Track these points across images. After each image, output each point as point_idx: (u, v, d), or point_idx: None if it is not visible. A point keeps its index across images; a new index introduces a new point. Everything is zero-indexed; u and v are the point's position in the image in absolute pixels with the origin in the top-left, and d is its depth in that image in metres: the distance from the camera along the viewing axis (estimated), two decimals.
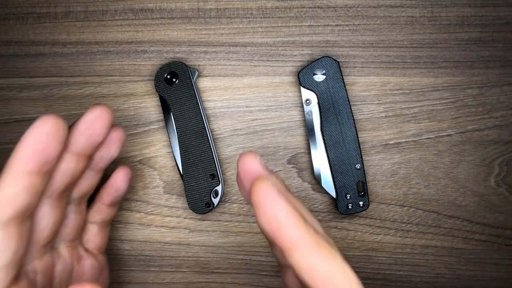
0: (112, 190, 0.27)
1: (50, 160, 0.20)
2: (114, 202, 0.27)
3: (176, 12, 0.32)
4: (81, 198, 0.25)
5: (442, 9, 0.31)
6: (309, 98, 0.31)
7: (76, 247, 0.26)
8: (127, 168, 0.27)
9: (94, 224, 0.27)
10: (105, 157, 0.25)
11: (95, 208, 0.27)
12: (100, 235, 0.28)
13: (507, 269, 0.32)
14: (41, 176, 0.20)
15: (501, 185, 0.32)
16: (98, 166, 0.25)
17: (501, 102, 0.32)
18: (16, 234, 0.19)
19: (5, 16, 0.32)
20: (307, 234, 0.16)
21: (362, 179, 0.31)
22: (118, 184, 0.27)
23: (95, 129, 0.22)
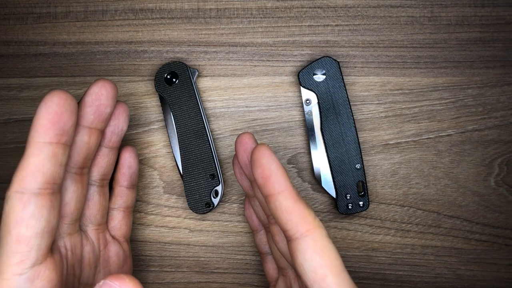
0: (124, 169, 0.28)
1: (67, 130, 0.21)
2: (131, 182, 0.29)
3: (176, 12, 0.32)
4: (103, 180, 0.27)
5: (442, 9, 0.31)
6: (309, 98, 0.31)
7: (102, 232, 0.27)
8: (129, 146, 0.29)
9: (118, 210, 0.28)
10: (115, 132, 0.26)
11: (116, 193, 0.28)
12: (125, 222, 0.29)
13: (507, 269, 0.32)
14: (61, 147, 0.21)
15: (501, 185, 0.32)
16: (111, 142, 0.26)
17: (501, 102, 0.32)
18: (48, 204, 0.20)
19: (5, 16, 0.32)
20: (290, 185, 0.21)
21: (362, 179, 0.31)
22: (128, 160, 0.28)
23: (101, 100, 0.24)
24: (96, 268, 0.27)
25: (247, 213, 0.29)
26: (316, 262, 0.20)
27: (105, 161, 0.26)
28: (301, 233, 0.20)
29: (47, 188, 0.20)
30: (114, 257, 0.28)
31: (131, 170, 0.29)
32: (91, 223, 0.26)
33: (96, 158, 0.26)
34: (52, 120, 0.20)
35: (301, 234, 0.20)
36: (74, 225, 0.25)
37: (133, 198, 0.29)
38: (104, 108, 0.24)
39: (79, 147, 0.24)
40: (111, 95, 0.24)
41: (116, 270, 0.28)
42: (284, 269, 0.27)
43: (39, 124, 0.20)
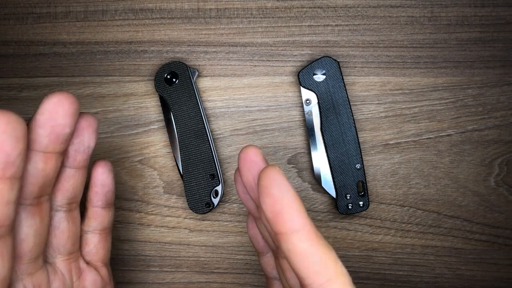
0: (97, 187, 0.25)
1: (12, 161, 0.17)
2: (106, 202, 0.25)
3: (176, 12, 0.32)
4: (71, 204, 0.23)
5: (442, 9, 0.31)
6: (309, 98, 0.31)
7: (75, 261, 0.24)
8: (102, 160, 0.25)
9: (93, 233, 0.25)
10: (80, 150, 0.22)
11: (90, 214, 0.25)
12: (101, 245, 0.26)
13: (507, 269, 0.32)
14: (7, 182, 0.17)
15: (501, 185, 0.32)
16: (77, 162, 0.22)
17: (501, 102, 0.32)
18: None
19: (5, 16, 0.32)
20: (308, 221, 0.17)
21: (362, 179, 0.31)
22: (100, 178, 0.25)
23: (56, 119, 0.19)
24: None
25: (251, 233, 0.25)
26: None
27: (70, 184, 0.22)
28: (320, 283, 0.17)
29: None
30: (90, 286, 0.25)
31: (105, 189, 0.25)
32: (59, 254, 0.23)
33: (60, 181, 0.22)
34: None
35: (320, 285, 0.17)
36: (35, 263, 0.21)
37: (110, 218, 0.26)
38: (61, 129, 0.19)
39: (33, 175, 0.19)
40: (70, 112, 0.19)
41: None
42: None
43: None
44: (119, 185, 0.32)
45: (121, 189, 0.32)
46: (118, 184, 0.32)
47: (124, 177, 0.32)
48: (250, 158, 0.19)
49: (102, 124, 0.32)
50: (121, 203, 0.32)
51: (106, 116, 0.32)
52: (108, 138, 0.32)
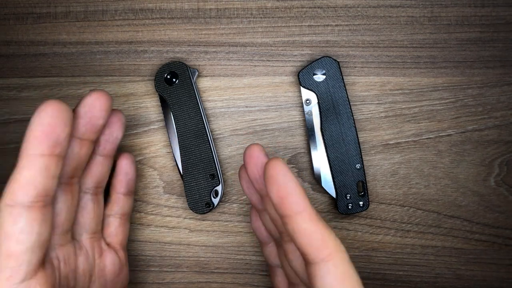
0: (121, 175, 0.28)
1: (60, 141, 0.20)
2: (128, 189, 0.28)
3: (176, 12, 0.32)
4: (97, 188, 0.26)
5: (442, 9, 0.31)
6: (309, 98, 0.31)
7: (97, 240, 0.27)
8: (127, 153, 0.28)
9: (115, 217, 0.28)
10: (110, 140, 0.26)
11: (112, 200, 0.28)
12: (121, 229, 0.28)
13: (507, 269, 0.32)
14: (54, 159, 0.20)
15: (501, 185, 0.32)
16: (106, 151, 0.26)
17: (501, 102, 0.32)
18: (39, 217, 0.20)
19: (5, 16, 0.32)
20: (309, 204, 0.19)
21: (362, 179, 0.31)
22: (124, 167, 0.28)
23: (94, 112, 0.23)
24: (91, 278, 0.26)
25: (255, 225, 0.28)
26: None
27: (99, 170, 0.26)
28: (321, 258, 0.19)
29: (38, 201, 0.20)
30: (109, 266, 0.27)
31: (128, 177, 0.28)
32: (85, 231, 0.26)
33: (89, 167, 0.26)
34: (45, 132, 0.20)
35: (322, 259, 0.19)
36: (65, 236, 0.24)
37: (130, 205, 0.29)
38: (96, 120, 0.23)
39: (69, 157, 0.23)
40: (105, 107, 0.23)
41: (112, 279, 0.27)
42: (295, 285, 0.26)
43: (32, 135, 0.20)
44: None
45: None
46: None
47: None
48: (255, 154, 0.23)
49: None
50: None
51: None
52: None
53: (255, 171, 0.23)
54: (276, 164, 0.20)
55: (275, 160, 0.20)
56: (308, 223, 0.19)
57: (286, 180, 0.19)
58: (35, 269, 0.20)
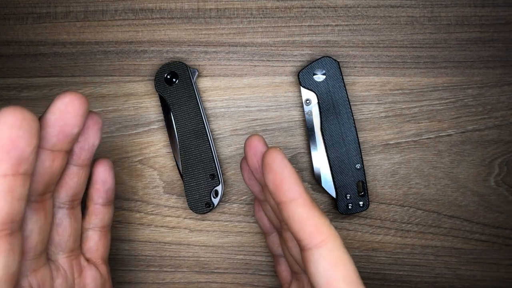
0: (98, 185, 0.25)
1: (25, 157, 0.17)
2: (107, 199, 0.26)
3: (176, 12, 0.32)
4: (73, 201, 0.23)
5: (442, 9, 0.31)
6: (309, 98, 0.31)
7: (76, 258, 0.25)
8: (103, 158, 0.26)
9: (94, 230, 0.26)
10: (85, 148, 0.22)
11: (90, 211, 0.26)
12: (102, 242, 0.26)
13: (507, 269, 0.32)
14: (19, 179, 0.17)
15: (501, 185, 0.32)
16: (81, 160, 0.22)
17: (501, 102, 0.32)
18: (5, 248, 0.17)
19: (5, 16, 0.32)
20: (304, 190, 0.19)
21: (362, 179, 0.31)
22: (101, 175, 0.25)
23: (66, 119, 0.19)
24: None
25: (258, 216, 0.28)
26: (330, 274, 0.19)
27: (74, 181, 0.23)
28: (315, 243, 0.19)
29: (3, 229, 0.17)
30: (91, 283, 0.25)
31: (106, 186, 0.25)
32: (62, 250, 0.23)
33: (63, 179, 0.22)
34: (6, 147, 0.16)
35: (315, 245, 0.19)
36: (39, 259, 0.22)
37: (110, 216, 0.27)
38: (70, 129, 0.20)
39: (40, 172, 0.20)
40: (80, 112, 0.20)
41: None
42: (297, 274, 0.26)
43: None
44: (119, 185, 0.32)
45: (121, 189, 0.32)
46: (118, 184, 0.32)
47: (124, 177, 0.32)
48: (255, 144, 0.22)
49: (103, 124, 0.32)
50: (121, 203, 0.32)
51: (106, 116, 0.32)
52: (108, 138, 0.32)
53: (255, 161, 0.23)
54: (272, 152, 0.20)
55: (272, 149, 0.20)
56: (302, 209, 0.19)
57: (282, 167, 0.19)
58: None
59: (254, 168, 0.23)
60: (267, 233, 0.28)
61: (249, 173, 0.25)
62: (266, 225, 0.28)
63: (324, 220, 0.19)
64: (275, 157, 0.20)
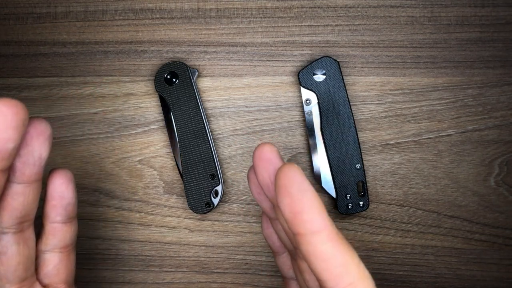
0: (55, 200, 0.21)
1: None
2: (66, 215, 0.22)
3: (176, 12, 0.32)
4: (21, 223, 0.20)
5: (442, 9, 0.31)
6: (309, 98, 0.31)
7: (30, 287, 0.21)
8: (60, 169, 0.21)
9: (53, 252, 0.22)
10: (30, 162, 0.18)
11: (47, 231, 0.22)
12: (64, 264, 0.23)
13: (507, 269, 0.32)
14: None
15: (501, 185, 0.32)
16: (26, 176, 0.19)
17: (501, 102, 0.32)
18: None
19: (5, 16, 0.32)
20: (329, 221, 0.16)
21: (362, 179, 0.31)
22: (58, 189, 0.21)
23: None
24: None
25: (266, 233, 0.24)
26: None
27: (19, 201, 0.19)
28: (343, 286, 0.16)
29: None
30: None
31: (65, 201, 0.21)
32: (8, 282, 0.20)
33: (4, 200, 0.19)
34: None
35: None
36: None
37: (72, 234, 0.23)
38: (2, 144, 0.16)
39: None
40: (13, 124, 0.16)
41: None
42: None
43: None
44: (119, 185, 0.32)
45: (121, 189, 0.32)
46: (118, 184, 0.32)
47: (124, 177, 0.32)
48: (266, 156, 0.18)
49: (102, 124, 0.32)
50: (121, 203, 0.32)
51: (106, 116, 0.32)
52: (108, 138, 0.32)
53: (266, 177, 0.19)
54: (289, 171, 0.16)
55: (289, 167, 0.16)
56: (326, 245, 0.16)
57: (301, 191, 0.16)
58: None
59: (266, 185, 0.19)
60: (276, 253, 0.24)
61: (258, 188, 0.21)
62: (275, 244, 0.24)
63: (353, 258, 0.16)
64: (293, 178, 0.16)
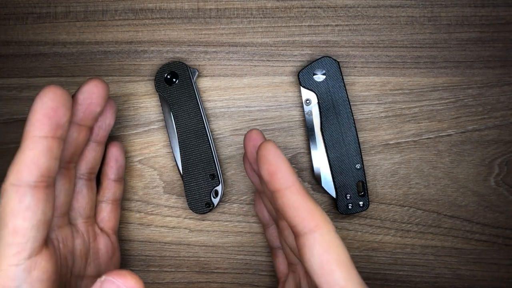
0: (112, 162, 0.29)
1: (62, 124, 0.21)
2: (118, 175, 0.29)
3: (176, 12, 0.32)
4: (90, 174, 0.27)
5: (442, 9, 0.31)
6: (309, 98, 0.31)
7: (91, 225, 0.28)
8: (116, 141, 0.30)
9: (107, 203, 0.29)
10: (103, 127, 0.27)
11: (104, 186, 0.29)
12: (113, 214, 0.29)
13: (507, 269, 0.32)
14: (56, 141, 0.21)
15: (501, 185, 0.32)
16: (99, 137, 0.27)
17: (501, 102, 0.32)
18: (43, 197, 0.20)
19: (5, 16, 0.32)
20: (296, 179, 0.21)
21: (362, 179, 0.31)
22: (115, 154, 0.29)
23: (92, 98, 0.24)
24: (87, 260, 0.27)
25: (258, 208, 0.29)
26: (324, 257, 0.19)
27: (92, 155, 0.27)
28: (309, 228, 0.20)
29: (42, 181, 0.20)
30: (103, 249, 0.28)
31: (118, 164, 0.29)
32: (80, 216, 0.27)
33: (83, 153, 0.27)
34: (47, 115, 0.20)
35: (309, 230, 0.20)
36: (63, 218, 0.25)
37: (121, 191, 0.30)
38: (94, 107, 0.24)
39: (68, 142, 0.24)
40: (102, 95, 0.25)
41: (106, 262, 0.28)
42: (293, 265, 0.27)
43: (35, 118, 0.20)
44: None
45: None
46: None
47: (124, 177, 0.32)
48: (253, 137, 0.25)
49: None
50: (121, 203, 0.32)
51: None
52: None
53: (254, 153, 0.25)
54: (266, 144, 0.21)
55: (266, 142, 0.21)
56: (295, 196, 0.20)
57: (275, 158, 0.21)
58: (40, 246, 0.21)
59: (253, 159, 0.25)
60: (266, 225, 0.29)
61: (250, 165, 0.27)
62: (265, 217, 0.29)
63: (316, 207, 0.20)
64: (269, 149, 0.21)
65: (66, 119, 0.21)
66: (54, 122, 0.21)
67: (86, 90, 0.24)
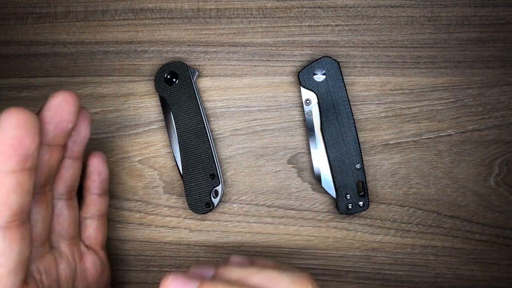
0: (94, 176, 0.27)
1: (30, 153, 0.19)
2: (102, 189, 0.27)
3: (176, 12, 0.32)
4: (70, 192, 0.25)
5: (442, 9, 0.31)
6: (309, 98, 0.31)
7: (76, 245, 0.26)
8: (96, 151, 0.27)
9: (91, 219, 0.28)
10: (77, 141, 0.24)
11: (87, 202, 0.27)
12: (100, 230, 0.28)
13: (507, 269, 0.32)
14: (26, 173, 0.19)
15: (501, 185, 0.32)
16: (74, 152, 0.24)
17: (501, 102, 0.32)
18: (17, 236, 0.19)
19: (5, 16, 0.32)
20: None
21: (362, 179, 0.31)
22: (96, 167, 0.27)
23: (61, 115, 0.21)
24: (74, 283, 0.26)
25: None
26: None
27: (69, 173, 0.24)
28: None
29: (14, 220, 0.19)
30: (91, 268, 0.27)
31: (102, 177, 0.27)
32: (63, 238, 0.25)
33: (59, 172, 0.24)
34: (12, 146, 0.18)
35: None
36: (44, 247, 0.23)
37: (106, 205, 0.28)
38: (65, 124, 0.22)
39: (40, 166, 0.21)
40: (73, 109, 0.21)
41: (95, 280, 0.27)
42: None
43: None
44: (119, 185, 0.32)
45: (121, 189, 0.32)
46: (118, 184, 0.32)
47: (124, 177, 0.32)
48: None
49: (102, 124, 0.32)
50: (121, 203, 0.32)
51: (106, 116, 0.32)
52: (108, 138, 0.32)
53: None
54: None
55: None
56: None
57: None
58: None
59: None
60: None
61: None
62: None
63: None
64: None
65: (35, 146, 0.19)
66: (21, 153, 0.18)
67: (53, 106, 0.21)
